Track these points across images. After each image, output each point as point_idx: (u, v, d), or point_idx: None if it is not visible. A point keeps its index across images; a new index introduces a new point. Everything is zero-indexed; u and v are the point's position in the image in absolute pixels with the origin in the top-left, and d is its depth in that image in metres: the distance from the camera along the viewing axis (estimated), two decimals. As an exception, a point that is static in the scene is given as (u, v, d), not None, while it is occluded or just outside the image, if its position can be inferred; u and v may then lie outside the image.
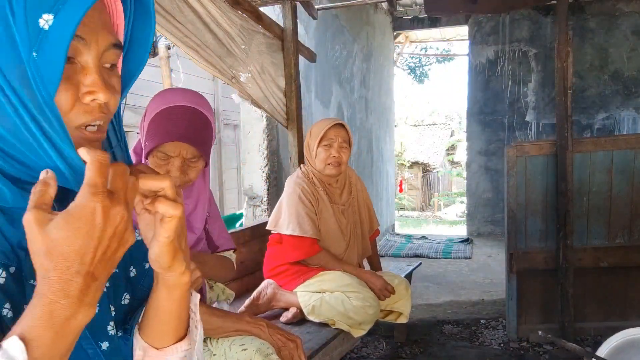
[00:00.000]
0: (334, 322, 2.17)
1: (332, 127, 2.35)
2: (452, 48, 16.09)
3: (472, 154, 7.39)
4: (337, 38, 5.35)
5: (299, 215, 2.25)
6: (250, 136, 3.75)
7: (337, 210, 2.40)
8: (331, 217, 2.36)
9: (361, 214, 2.54)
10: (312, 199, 2.32)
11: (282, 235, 2.32)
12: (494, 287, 4.35)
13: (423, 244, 6.59)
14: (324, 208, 2.35)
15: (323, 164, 2.33)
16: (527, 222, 3.04)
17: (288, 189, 2.36)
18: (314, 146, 2.35)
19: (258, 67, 2.75)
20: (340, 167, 2.35)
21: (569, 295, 2.98)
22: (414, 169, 18.10)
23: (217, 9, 2.31)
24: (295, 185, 2.33)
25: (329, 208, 2.36)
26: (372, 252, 2.64)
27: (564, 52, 2.88)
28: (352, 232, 2.45)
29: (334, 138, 2.34)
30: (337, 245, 2.38)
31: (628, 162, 2.98)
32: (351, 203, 2.48)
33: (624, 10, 6.54)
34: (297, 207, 2.27)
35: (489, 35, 7.08)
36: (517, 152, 3.01)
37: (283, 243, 2.32)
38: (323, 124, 2.38)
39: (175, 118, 1.41)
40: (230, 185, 6.07)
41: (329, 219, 2.35)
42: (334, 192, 2.42)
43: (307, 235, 2.24)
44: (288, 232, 2.26)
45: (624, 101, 6.64)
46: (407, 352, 3.02)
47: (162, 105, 1.43)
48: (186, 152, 1.42)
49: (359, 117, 6.29)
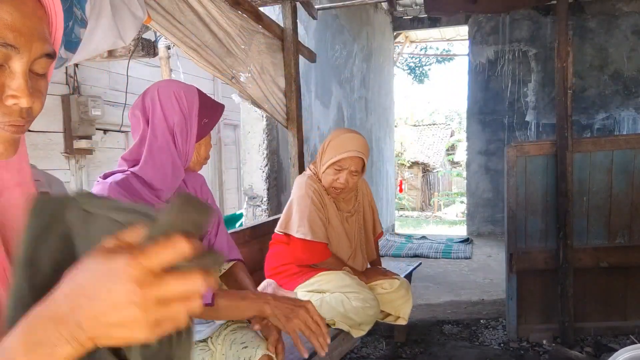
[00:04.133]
0: (334, 322, 2.17)
1: (352, 158, 2.25)
2: (452, 48, 16.12)
3: (472, 154, 7.40)
4: (337, 38, 5.35)
5: (310, 219, 2.21)
6: (250, 136, 3.75)
7: (343, 217, 2.39)
8: (338, 223, 2.34)
9: (366, 218, 2.52)
10: (322, 203, 2.29)
11: (290, 237, 2.28)
12: (494, 287, 4.35)
13: (423, 244, 6.59)
14: (332, 213, 2.33)
15: (327, 183, 2.29)
16: (527, 222, 3.04)
17: (299, 191, 2.30)
18: (325, 163, 2.27)
19: (258, 67, 2.75)
20: (344, 190, 2.30)
21: (569, 295, 2.98)
22: (414, 169, 18.11)
23: (217, 9, 2.31)
24: (306, 187, 2.27)
25: (337, 213, 2.35)
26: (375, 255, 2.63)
27: (564, 52, 2.88)
28: (357, 238, 2.44)
29: (347, 167, 2.25)
30: (343, 252, 2.37)
31: (628, 162, 2.98)
32: (357, 209, 2.46)
33: (624, 10, 6.54)
34: (310, 210, 2.23)
35: (489, 35, 7.08)
36: (517, 152, 3.01)
37: (291, 245, 2.28)
38: (344, 148, 2.24)
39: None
40: (230, 185, 6.07)
41: (336, 224, 2.34)
42: (341, 198, 2.40)
43: (319, 240, 2.22)
44: (299, 235, 2.21)
45: (624, 101, 6.64)
46: (407, 352, 3.02)
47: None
48: None
49: (359, 117, 6.29)
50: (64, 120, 3.80)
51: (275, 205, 3.78)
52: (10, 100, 0.59)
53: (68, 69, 3.78)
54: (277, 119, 3.08)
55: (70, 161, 3.92)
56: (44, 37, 0.62)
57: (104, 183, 1.34)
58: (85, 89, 3.96)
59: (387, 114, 8.30)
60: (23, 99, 0.59)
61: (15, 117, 0.61)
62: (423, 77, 16.93)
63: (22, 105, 0.60)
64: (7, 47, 0.57)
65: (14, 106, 0.60)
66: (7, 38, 0.57)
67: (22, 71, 0.60)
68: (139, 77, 4.27)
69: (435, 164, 18.86)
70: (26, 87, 0.60)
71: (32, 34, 0.60)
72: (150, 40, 2.73)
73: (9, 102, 0.59)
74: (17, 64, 0.59)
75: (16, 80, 0.59)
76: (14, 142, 0.63)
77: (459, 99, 26.99)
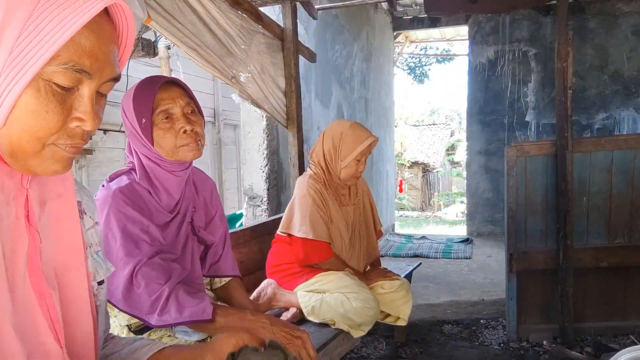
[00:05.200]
0: (334, 322, 2.17)
1: (372, 142, 2.31)
2: (452, 48, 16.11)
3: (472, 154, 7.40)
4: (337, 38, 5.35)
5: (312, 218, 2.22)
6: (250, 136, 3.75)
7: (345, 213, 2.40)
8: (340, 220, 2.35)
9: (366, 215, 2.53)
10: (324, 202, 2.30)
11: (292, 237, 2.28)
12: (494, 287, 4.35)
13: (423, 244, 6.59)
14: (334, 211, 2.34)
15: (349, 176, 2.32)
16: (527, 222, 3.04)
17: (300, 191, 2.31)
18: (350, 158, 2.29)
19: (258, 67, 2.75)
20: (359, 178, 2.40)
21: (569, 295, 2.98)
22: (414, 169, 18.11)
23: (217, 9, 2.31)
24: (308, 186, 2.29)
25: (338, 211, 2.36)
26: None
27: (564, 52, 2.88)
28: (358, 234, 2.45)
29: (367, 153, 2.33)
30: (343, 249, 2.37)
31: (628, 162, 2.98)
32: (357, 205, 2.48)
33: (624, 10, 6.54)
34: (312, 209, 2.24)
35: (489, 35, 7.08)
36: (517, 152, 3.01)
37: (293, 245, 2.29)
38: (360, 138, 2.30)
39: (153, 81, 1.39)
40: (230, 185, 6.07)
41: (338, 222, 2.34)
42: (342, 195, 2.42)
43: (320, 239, 2.22)
44: (301, 235, 2.22)
45: (624, 101, 6.64)
46: (407, 352, 3.02)
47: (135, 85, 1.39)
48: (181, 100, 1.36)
49: (359, 117, 6.29)
50: (64, 120, 3.81)
51: (275, 205, 3.78)
52: (75, 123, 0.60)
53: (68, 69, 3.79)
54: (277, 119, 3.08)
55: (70, 161, 3.92)
56: (115, 62, 0.62)
57: (108, 189, 1.33)
58: (85, 89, 3.96)
59: (387, 114, 8.30)
60: (88, 122, 0.60)
61: (78, 140, 0.61)
62: (423, 77, 16.92)
63: (86, 129, 0.61)
64: (82, 73, 0.58)
65: (77, 129, 0.60)
66: (84, 65, 0.58)
67: (90, 96, 0.60)
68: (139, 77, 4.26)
69: (435, 164, 18.86)
70: (92, 111, 0.60)
71: (106, 61, 0.60)
72: (150, 40, 2.73)
73: (73, 125, 0.60)
74: (86, 89, 0.60)
75: (83, 105, 0.60)
76: (71, 161, 0.63)
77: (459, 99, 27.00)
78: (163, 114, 1.35)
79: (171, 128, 1.35)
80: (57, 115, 0.57)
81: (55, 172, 0.62)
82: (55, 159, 0.60)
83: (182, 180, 1.44)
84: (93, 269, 0.77)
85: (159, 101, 1.35)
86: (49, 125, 0.57)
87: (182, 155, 1.36)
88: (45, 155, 0.59)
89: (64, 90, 0.58)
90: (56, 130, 0.58)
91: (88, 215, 0.79)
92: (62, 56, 0.56)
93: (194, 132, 1.36)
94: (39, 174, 0.62)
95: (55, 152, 0.60)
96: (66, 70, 0.56)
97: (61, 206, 0.68)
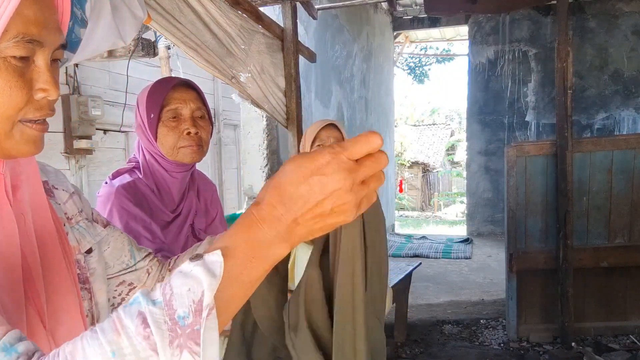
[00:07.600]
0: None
1: (324, 129, 2.35)
2: (452, 48, 16.11)
3: (472, 154, 7.40)
4: (337, 38, 5.35)
5: None
6: (250, 136, 3.75)
7: None
8: None
9: None
10: None
11: None
12: (494, 287, 4.35)
13: (423, 244, 6.59)
14: None
15: None
16: (527, 222, 3.04)
17: None
18: (308, 148, 2.36)
19: (258, 67, 2.75)
20: None
21: (569, 295, 2.98)
22: (414, 169, 18.10)
23: (217, 9, 2.31)
24: None
25: None
26: None
27: (564, 52, 2.88)
28: None
29: (326, 139, 2.34)
30: None
31: (628, 162, 2.98)
32: None
33: (624, 10, 6.54)
34: None
35: (489, 35, 7.08)
36: (517, 152, 3.01)
37: None
38: (315, 126, 2.39)
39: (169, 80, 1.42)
40: (230, 185, 6.06)
41: None
42: None
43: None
44: None
45: (624, 101, 6.64)
46: (407, 352, 3.02)
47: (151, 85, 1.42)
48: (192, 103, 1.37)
49: (359, 117, 6.29)
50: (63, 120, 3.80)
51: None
52: (40, 94, 0.61)
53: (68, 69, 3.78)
54: (277, 119, 3.09)
55: (70, 161, 3.91)
56: (59, 28, 0.63)
57: (111, 186, 1.33)
58: (85, 89, 3.96)
59: (387, 114, 8.30)
60: (51, 91, 0.61)
61: (46, 110, 0.62)
62: (423, 77, 16.93)
63: (51, 98, 0.62)
64: (33, 43, 0.58)
65: (43, 100, 0.61)
66: (33, 34, 0.58)
67: (46, 65, 0.61)
68: (139, 77, 4.26)
69: (435, 164, 18.86)
70: (52, 80, 0.61)
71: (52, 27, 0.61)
72: (150, 40, 2.73)
73: (39, 96, 0.61)
74: (41, 59, 0.60)
75: (43, 75, 0.60)
76: (42, 140, 0.65)
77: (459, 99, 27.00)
78: (171, 112, 1.36)
79: (176, 127, 1.36)
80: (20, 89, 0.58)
81: (30, 152, 0.63)
82: (25, 139, 0.62)
83: (181, 181, 1.44)
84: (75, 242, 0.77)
85: (169, 99, 1.37)
86: (15, 100, 0.58)
87: (182, 157, 1.37)
88: (15, 137, 0.61)
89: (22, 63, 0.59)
90: (23, 105, 0.59)
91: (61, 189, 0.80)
92: (11, 30, 0.56)
93: (198, 136, 1.37)
94: (14, 156, 0.63)
95: (23, 131, 0.61)
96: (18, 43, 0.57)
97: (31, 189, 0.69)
